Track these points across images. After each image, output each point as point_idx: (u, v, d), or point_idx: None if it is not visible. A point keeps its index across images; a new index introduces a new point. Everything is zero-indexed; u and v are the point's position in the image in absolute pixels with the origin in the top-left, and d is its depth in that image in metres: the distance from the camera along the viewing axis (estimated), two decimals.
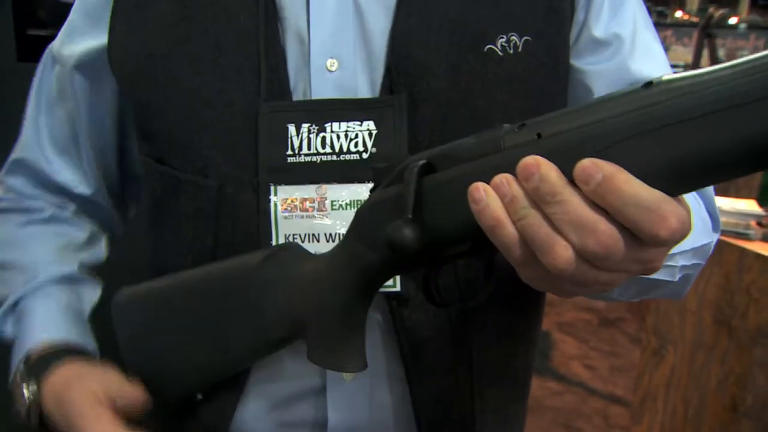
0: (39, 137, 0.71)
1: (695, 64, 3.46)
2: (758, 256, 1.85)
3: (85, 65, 0.66)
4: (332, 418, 0.61)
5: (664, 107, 0.33)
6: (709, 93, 0.32)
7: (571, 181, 0.35)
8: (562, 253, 0.35)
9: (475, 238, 0.40)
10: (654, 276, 0.55)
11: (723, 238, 1.96)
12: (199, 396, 0.61)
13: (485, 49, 0.57)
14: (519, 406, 0.71)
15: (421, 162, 0.43)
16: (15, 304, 0.66)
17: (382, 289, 0.55)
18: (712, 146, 0.32)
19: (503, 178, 0.37)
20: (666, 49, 0.64)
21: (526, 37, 0.57)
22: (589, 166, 0.34)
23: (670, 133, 0.33)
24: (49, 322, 0.64)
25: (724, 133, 0.32)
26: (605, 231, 0.34)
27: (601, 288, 0.39)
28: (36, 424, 0.57)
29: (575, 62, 0.61)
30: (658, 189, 0.34)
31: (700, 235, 0.60)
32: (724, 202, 2.05)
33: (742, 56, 0.33)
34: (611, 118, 0.35)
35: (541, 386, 2.82)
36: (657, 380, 2.20)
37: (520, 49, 0.57)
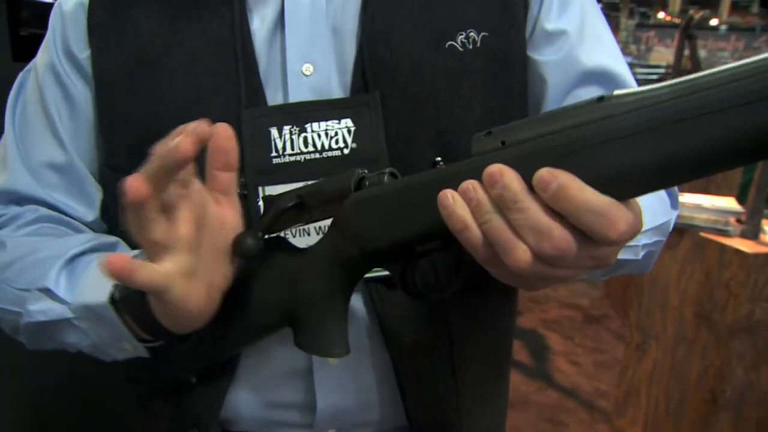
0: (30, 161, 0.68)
1: (676, 65, 3.52)
2: (737, 251, 1.89)
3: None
4: (320, 401, 0.63)
5: (614, 121, 0.37)
6: (653, 110, 0.36)
7: (531, 188, 0.38)
8: (521, 255, 0.38)
9: (445, 237, 0.43)
10: (621, 256, 0.59)
11: (704, 234, 2.00)
12: (194, 379, 0.64)
13: (446, 46, 0.61)
14: (500, 382, 0.74)
15: (389, 169, 0.48)
16: (70, 259, 0.60)
17: (370, 275, 0.58)
18: (657, 157, 0.36)
19: (470, 185, 0.40)
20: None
21: (483, 33, 0.61)
22: (545, 175, 0.37)
23: (618, 144, 0.36)
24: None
25: (666, 145, 0.35)
26: (559, 236, 0.37)
27: (561, 281, 0.43)
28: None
29: (531, 54, 0.65)
30: (610, 194, 0.37)
31: (660, 214, 0.64)
32: (704, 200, 2.10)
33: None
34: (567, 129, 0.38)
35: (526, 382, 2.86)
36: (640, 374, 2.24)
37: (478, 44, 0.61)
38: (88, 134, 0.67)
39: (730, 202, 2.11)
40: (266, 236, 0.52)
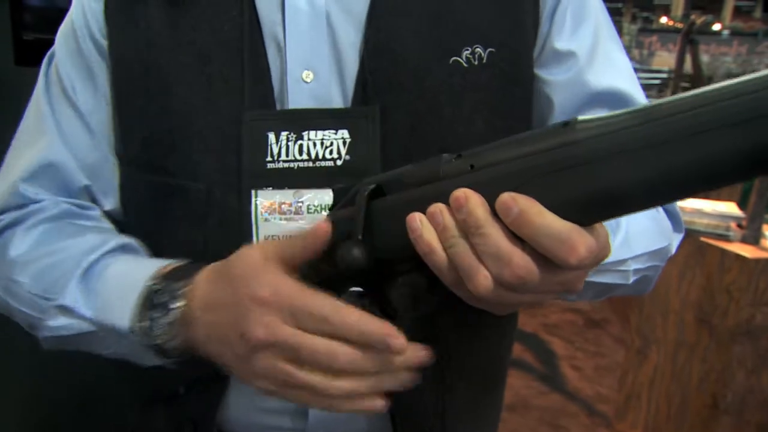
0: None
1: (678, 70, 3.52)
2: (738, 256, 1.90)
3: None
4: (312, 407, 0.63)
5: (577, 147, 0.37)
6: (615, 136, 0.35)
7: (496, 213, 0.38)
8: (482, 281, 0.39)
9: (417, 258, 0.43)
10: (606, 280, 0.60)
11: (705, 239, 2.01)
12: (182, 390, 0.64)
13: (451, 61, 0.59)
14: (492, 395, 0.74)
15: (371, 187, 0.47)
16: (87, 269, 0.60)
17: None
18: (618, 184, 0.35)
19: (437, 208, 0.41)
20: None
21: (490, 49, 0.60)
22: (507, 200, 0.38)
23: (581, 170, 0.36)
24: (145, 264, 0.59)
25: (627, 172, 0.35)
26: (518, 263, 0.37)
27: (529, 306, 0.43)
28: (179, 347, 0.53)
29: (539, 72, 0.63)
30: (572, 219, 0.37)
31: (656, 240, 0.63)
32: (705, 205, 2.10)
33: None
34: (533, 155, 0.38)
35: (527, 386, 2.86)
36: (641, 378, 2.24)
37: (484, 61, 0.60)
38: (107, 116, 0.66)
39: (730, 207, 2.11)
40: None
